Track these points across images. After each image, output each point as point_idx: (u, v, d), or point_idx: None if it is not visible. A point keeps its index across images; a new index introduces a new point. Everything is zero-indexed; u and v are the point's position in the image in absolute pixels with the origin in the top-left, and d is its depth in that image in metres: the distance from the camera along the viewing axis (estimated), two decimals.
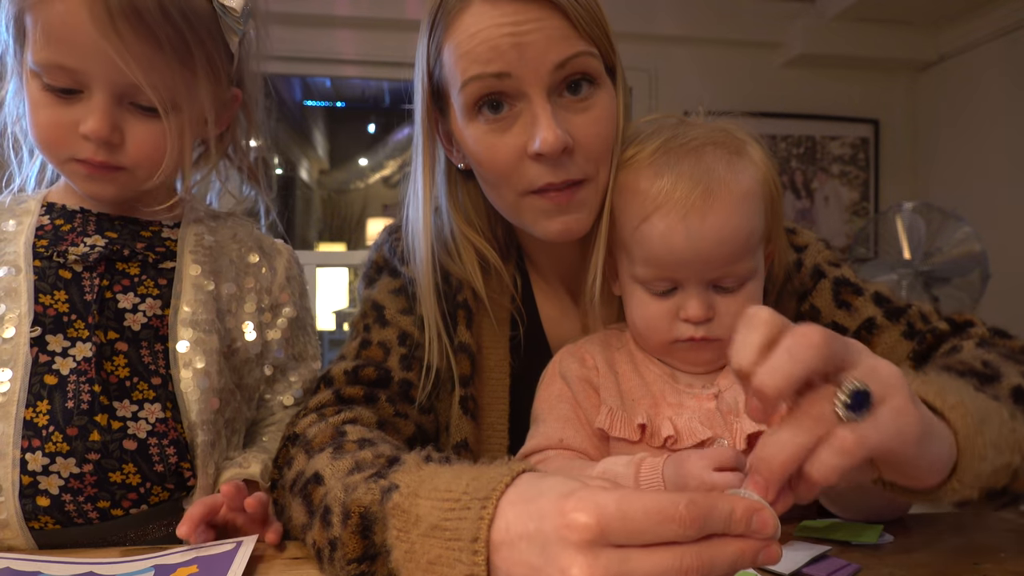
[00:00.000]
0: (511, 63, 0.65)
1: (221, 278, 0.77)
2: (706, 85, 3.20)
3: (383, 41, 3.23)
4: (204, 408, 0.70)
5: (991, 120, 3.01)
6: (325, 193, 7.04)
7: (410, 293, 0.78)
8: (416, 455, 0.52)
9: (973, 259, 2.39)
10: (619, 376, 0.71)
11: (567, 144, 0.66)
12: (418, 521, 0.44)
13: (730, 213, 0.64)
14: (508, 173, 0.68)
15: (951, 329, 0.70)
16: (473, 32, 0.66)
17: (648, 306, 0.68)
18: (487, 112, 0.67)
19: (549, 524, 0.38)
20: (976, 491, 0.49)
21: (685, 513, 0.36)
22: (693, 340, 0.66)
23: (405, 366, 0.74)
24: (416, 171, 0.76)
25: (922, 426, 0.43)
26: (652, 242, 0.65)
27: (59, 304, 0.69)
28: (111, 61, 0.65)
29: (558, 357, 0.75)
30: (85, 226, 0.74)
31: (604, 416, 0.67)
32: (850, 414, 0.40)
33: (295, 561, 0.58)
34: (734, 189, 0.64)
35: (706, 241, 0.63)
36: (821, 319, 0.75)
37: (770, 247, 0.71)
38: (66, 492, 0.65)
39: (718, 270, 0.65)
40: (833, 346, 0.41)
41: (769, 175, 0.68)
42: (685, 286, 0.66)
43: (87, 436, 0.65)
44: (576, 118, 0.68)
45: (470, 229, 0.77)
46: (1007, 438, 0.49)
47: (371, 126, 6.81)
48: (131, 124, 0.69)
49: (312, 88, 6.03)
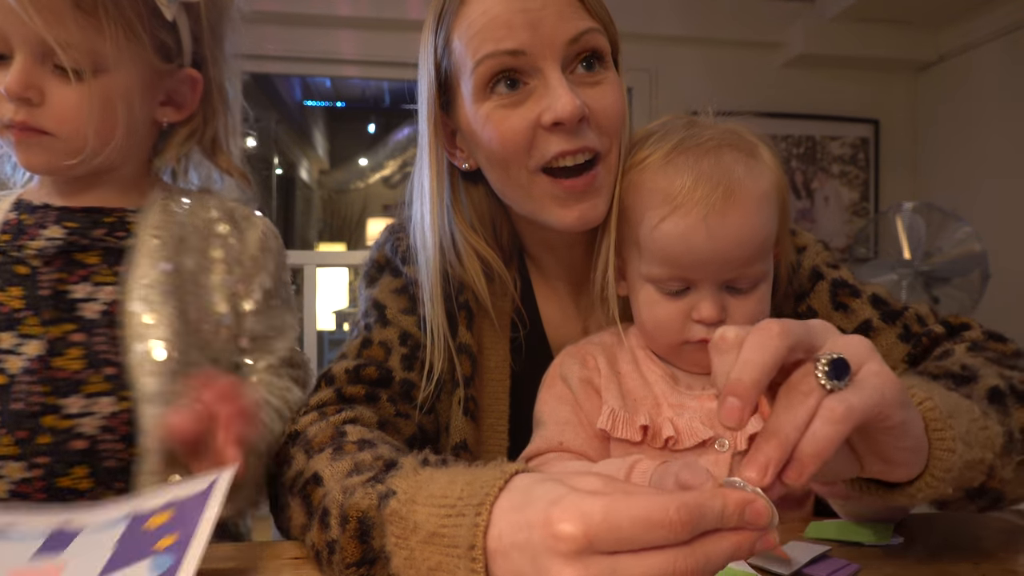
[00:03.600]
0: (524, 40, 0.65)
1: (184, 250, 0.75)
2: (706, 85, 3.20)
3: (383, 41, 3.23)
4: (159, 385, 0.68)
5: (991, 120, 3.01)
6: (325, 193, 7.04)
7: (411, 293, 0.78)
8: (413, 459, 0.52)
9: (973, 259, 2.40)
10: (621, 376, 0.71)
11: (584, 113, 0.66)
12: (416, 528, 0.44)
13: (749, 214, 0.64)
14: (521, 148, 0.68)
15: (947, 332, 0.70)
16: (484, 11, 0.67)
17: (659, 306, 0.67)
18: (501, 88, 0.68)
19: (537, 535, 0.38)
20: (950, 486, 0.49)
21: (675, 518, 0.35)
22: (704, 341, 0.66)
23: (406, 366, 0.74)
24: (422, 170, 0.76)
25: (900, 388, 0.43)
26: (671, 241, 0.65)
27: (13, 301, 0.68)
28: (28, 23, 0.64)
29: (559, 359, 0.75)
30: (45, 219, 0.73)
31: (606, 417, 0.67)
32: (833, 382, 0.40)
33: (295, 561, 0.58)
34: (753, 191, 0.64)
35: (726, 241, 0.63)
36: None
37: (777, 249, 0.71)
38: (15, 496, 0.63)
39: (734, 271, 0.65)
40: (795, 331, 0.42)
41: (780, 178, 0.68)
42: (698, 286, 0.66)
43: (35, 439, 0.65)
44: (590, 91, 0.68)
45: (472, 233, 0.76)
46: (977, 435, 0.50)
47: (371, 126, 6.82)
48: (52, 86, 0.68)
49: (312, 88, 6.03)
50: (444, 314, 0.74)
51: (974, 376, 0.57)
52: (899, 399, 0.43)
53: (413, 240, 0.78)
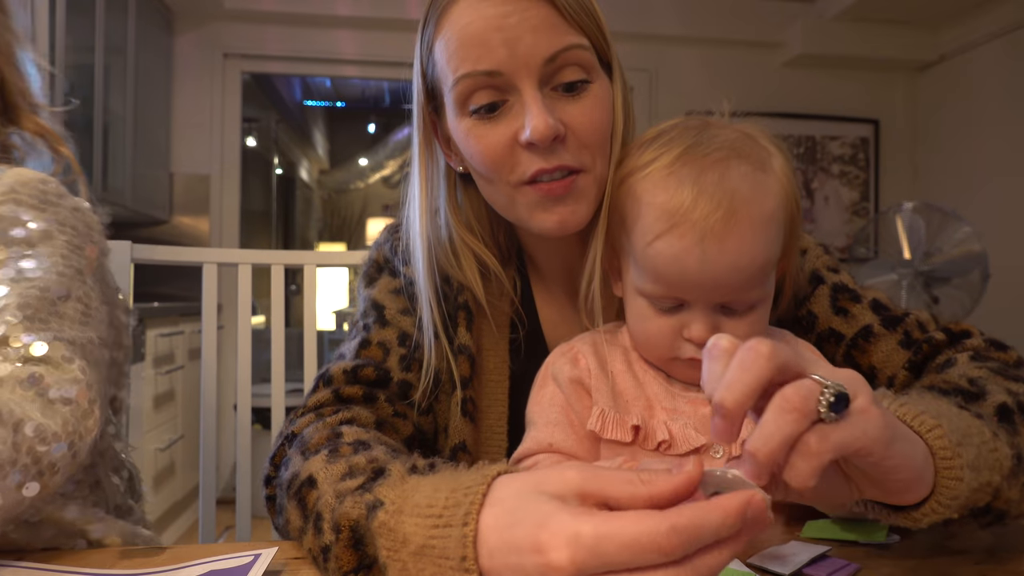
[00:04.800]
0: (501, 59, 0.64)
1: None
2: (706, 85, 3.20)
3: (383, 41, 3.23)
4: None
5: (991, 120, 3.01)
6: (325, 193, 7.04)
7: (410, 293, 0.77)
8: (401, 465, 0.52)
9: (973, 259, 2.40)
10: (613, 376, 0.70)
11: (558, 132, 0.65)
12: (406, 541, 0.45)
13: (750, 240, 0.60)
14: (501, 164, 0.68)
15: (948, 339, 0.69)
16: (461, 27, 0.65)
17: (650, 321, 0.66)
18: (480, 105, 0.67)
19: (529, 561, 0.38)
20: (956, 511, 0.48)
21: (665, 543, 0.35)
22: (694, 360, 0.64)
23: (404, 367, 0.74)
24: (413, 174, 0.76)
25: (887, 427, 0.43)
26: (664, 261, 0.62)
27: None
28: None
29: (551, 359, 0.74)
30: None
31: (595, 418, 0.66)
32: (831, 414, 0.41)
33: (295, 561, 0.58)
34: (756, 214, 0.61)
35: (721, 267, 0.60)
36: (818, 325, 0.75)
37: (784, 263, 0.69)
38: None
39: (729, 295, 0.63)
40: (783, 355, 0.42)
41: (791, 192, 0.65)
42: (691, 305, 0.64)
43: None
44: (569, 107, 0.67)
45: (470, 235, 0.76)
46: (987, 458, 0.49)
47: (371, 126, 6.81)
48: None
49: (312, 88, 6.03)
50: (438, 314, 0.74)
51: (982, 392, 0.56)
52: (884, 436, 0.42)
53: (405, 241, 0.78)
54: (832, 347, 0.74)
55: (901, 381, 0.70)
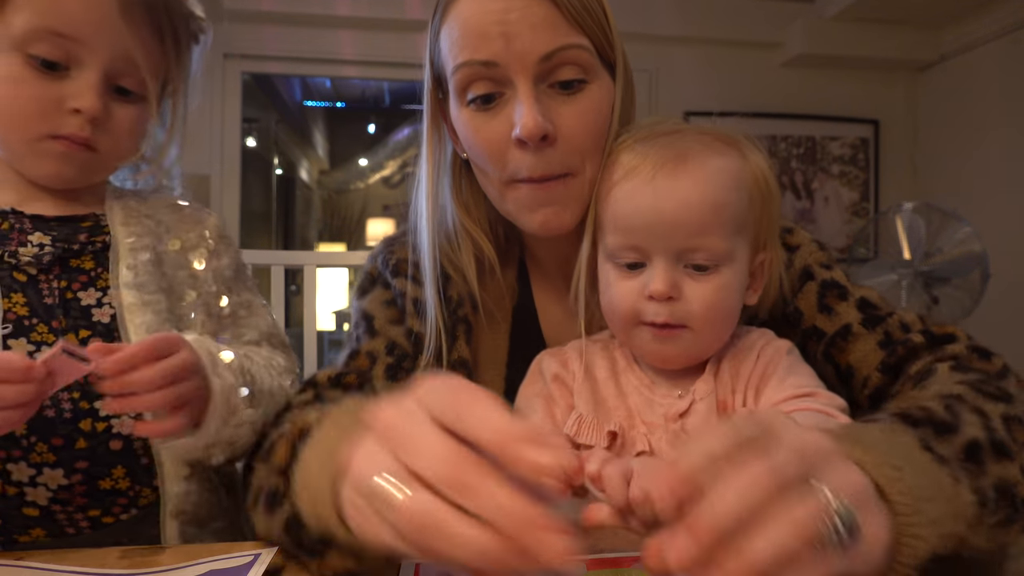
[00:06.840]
0: (498, 52, 0.65)
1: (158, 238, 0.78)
2: (706, 85, 3.20)
3: (383, 41, 3.23)
4: None
5: (991, 120, 3.01)
6: (325, 193, 7.04)
7: (400, 305, 0.78)
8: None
9: (973, 259, 2.39)
10: (596, 383, 0.70)
11: (547, 131, 0.66)
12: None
13: (702, 180, 0.62)
14: (494, 158, 0.69)
15: (928, 342, 0.67)
16: (465, 18, 0.67)
17: (615, 285, 0.66)
18: (477, 96, 0.68)
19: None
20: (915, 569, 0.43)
21: None
22: (655, 325, 0.64)
23: (390, 375, 0.75)
24: (422, 158, 0.77)
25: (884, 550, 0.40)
26: (619, 204, 0.65)
27: (17, 307, 0.68)
28: (117, 39, 0.66)
29: (540, 356, 0.75)
30: (22, 225, 0.71)
31: (572, 423, 0.66)
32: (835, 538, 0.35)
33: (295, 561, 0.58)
34: (708, 161, 0.63)
35: (672, 202, 0.61)
36: (803, 322, 0.75)
37: (763, 256, 0.68)
38: (55, 503, 0.63)
39: (685, 240, 0.62)
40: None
41: (759, 172, 0.66)
42: (652, 261, 0.64)
43: (73, 445, 0.64)
44: (562, 108, 0.68)
45: (470, 220, 0.77)
46: (948, 509, 0.45)
47: (371, 126, 6.81)
48: (114, 107, 0.70)
49: (312, 88, 6.03)
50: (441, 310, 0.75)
51: (956, 424, 0.51)
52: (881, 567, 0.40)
53: (412, 231, 0.79)
54: (814, 344, 0.74)
55: (875, 383, 0.68)
